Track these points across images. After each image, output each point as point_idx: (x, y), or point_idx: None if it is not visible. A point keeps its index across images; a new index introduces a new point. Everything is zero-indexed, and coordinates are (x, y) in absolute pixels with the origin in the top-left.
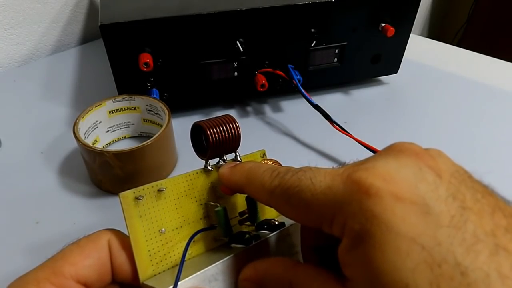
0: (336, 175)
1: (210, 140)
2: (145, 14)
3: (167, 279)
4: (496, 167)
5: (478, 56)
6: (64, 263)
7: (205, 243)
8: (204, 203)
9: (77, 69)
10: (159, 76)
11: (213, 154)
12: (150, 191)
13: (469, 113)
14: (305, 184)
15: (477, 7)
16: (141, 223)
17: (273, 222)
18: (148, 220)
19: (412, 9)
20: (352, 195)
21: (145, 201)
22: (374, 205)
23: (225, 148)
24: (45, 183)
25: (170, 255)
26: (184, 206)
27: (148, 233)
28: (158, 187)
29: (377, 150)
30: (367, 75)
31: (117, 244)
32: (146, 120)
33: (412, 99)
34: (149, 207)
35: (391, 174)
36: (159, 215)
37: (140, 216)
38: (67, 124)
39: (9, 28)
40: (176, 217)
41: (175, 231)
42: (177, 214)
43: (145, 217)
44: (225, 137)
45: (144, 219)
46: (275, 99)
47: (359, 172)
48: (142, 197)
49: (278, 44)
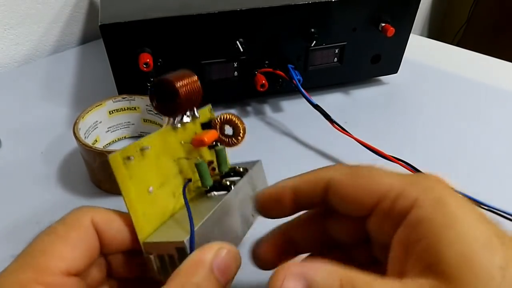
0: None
1: (181, 94)
2: (145, 14)
3: (170, 231)
4: (496, 167)
5: (478, 56)
6: (50, 259)
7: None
8: (177, 159)
9: (77, 69)
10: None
11: (183, 109)
12: (135, 150)
13: (469, 113)
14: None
15: (477, 7)
16: (132, 185)
17: (238, 169)
18: (138, 180)
19: (412, 9)
20: None
21: (133, 162)
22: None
23: (191, 102)
24: (45, 183)
25: (159, 212)
26: (163, 164)
27: (140, 193)
28: (141, 146)
29: (377, 150)
30: (367, 75)
31: (103, 220)
32: (146, 120)
33: (412, 99)
34: (136, 167)
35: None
36: (145, 175)
37: (130, 177)
38: (67, 124)
39: (9, 28)
40: (158, 175)
41: (160, 189)
42: (159, 172)
43: (135, 177)
44: (191, 90)
45: (134, 180)
46: (275, 99)
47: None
48: (133, 158)
49: (278, 44)
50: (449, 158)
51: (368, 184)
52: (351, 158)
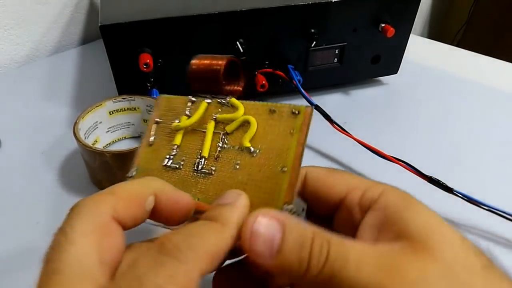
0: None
1: (188, 70)
2: (145, 14)
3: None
4: (496, 167)
5: (478, 56)
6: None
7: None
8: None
9: (77, 70)
10: (159, 77)
11: (193, 86)
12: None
13: (469, 113)
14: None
15: (477, 7)
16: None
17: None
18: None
19: (412, 9)
20: None
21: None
22: None
23: (203, 83)
24: (45, 183)
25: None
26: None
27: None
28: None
29: (377, 150)
30: (367, 76)
31: (121, 212)
32: (146, 120)
33: (412, 99)
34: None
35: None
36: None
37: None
38: (67, 124)
39: (9, 29)
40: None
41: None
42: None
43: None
44: (203, 71)
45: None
46: (275, 99)
47: None
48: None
49: (278, 44)
50: (449, 158)
51: (342, 177)
52: (351, 158)
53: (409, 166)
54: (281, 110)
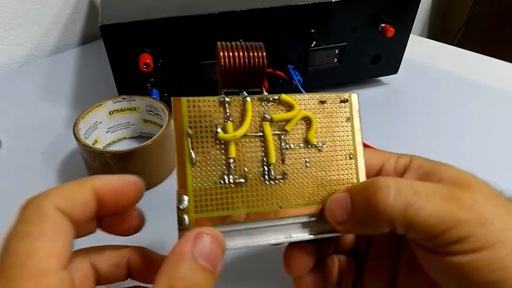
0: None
1: (221, 64)
2: (145, 14)
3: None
4: (496, 167)
5: (478, 56)
6: (41, 261)
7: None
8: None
9: (77, 70)
10: (159, 77)
11: (226, 82)
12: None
13: (469, 113)
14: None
15: (477, 7)
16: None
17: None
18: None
19: (412, 9)
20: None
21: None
22: None
23: (241, 78)
24: (45, 183)
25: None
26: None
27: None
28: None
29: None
30: (367, 75)
31: (65, 203)
32: (146, 120)
33: (412, 99)
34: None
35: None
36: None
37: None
38: (67, 124)
39: (9, 29)
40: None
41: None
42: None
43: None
44: (240, 64)
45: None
46: None
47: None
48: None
49: (278, 45)
50: (449, 158)
51: (374, 154)
52: None
53: None
54: (330, 100)
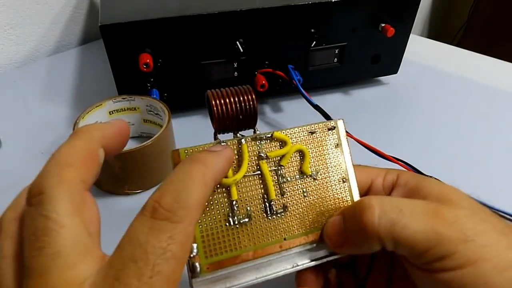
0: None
1: (214, 113)
2: (145, 14)
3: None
4: (496, 167)
5: (478, 56)
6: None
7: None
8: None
9: (77, 70)
10: (159, 77)
11: (221, 128)
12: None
13: (469, 113)
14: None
15: (477, 7)
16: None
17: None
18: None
19: (412, 9)
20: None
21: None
22: None
23: (235, 123)
24: None
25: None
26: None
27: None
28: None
29: (377, 150)
30: (367, 75)
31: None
32: (146, 120)
33: (412, 99)
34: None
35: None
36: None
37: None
38: (67, 124)
39: (9, 29)
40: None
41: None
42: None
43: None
44: (232, 111)
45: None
46: (275, 99)
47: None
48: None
49: (278, 44)
50: (449, 158)
51: (364, 170)
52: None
53: (409, 166)
54: (319, 130)
